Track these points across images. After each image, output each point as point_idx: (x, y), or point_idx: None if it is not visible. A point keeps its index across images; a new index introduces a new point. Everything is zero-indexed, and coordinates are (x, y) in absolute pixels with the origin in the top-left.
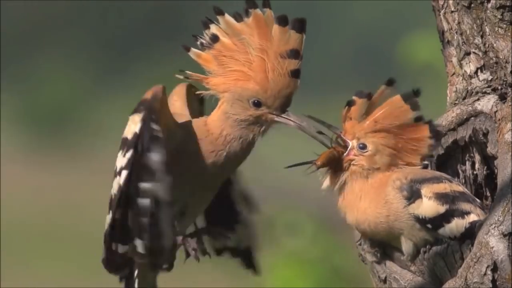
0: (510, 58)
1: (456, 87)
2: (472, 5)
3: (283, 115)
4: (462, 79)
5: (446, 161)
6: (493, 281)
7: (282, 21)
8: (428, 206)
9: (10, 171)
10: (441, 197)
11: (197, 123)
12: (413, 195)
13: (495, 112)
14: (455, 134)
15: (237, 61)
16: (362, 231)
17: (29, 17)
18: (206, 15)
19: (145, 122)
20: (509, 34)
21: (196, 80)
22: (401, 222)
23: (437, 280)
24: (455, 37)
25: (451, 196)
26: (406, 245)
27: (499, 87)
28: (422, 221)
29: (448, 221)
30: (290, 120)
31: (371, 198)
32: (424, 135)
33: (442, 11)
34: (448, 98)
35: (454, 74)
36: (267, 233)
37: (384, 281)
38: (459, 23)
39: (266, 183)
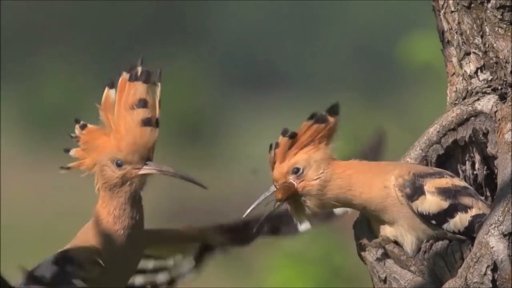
0: (510, 58)
1: (456, 87)
2: (472, 5)
3: (145, 167)
4: (462, 79)
5: (446, 161)
6: (493, 281)
7: (131, 76)
8: (431, 202)
9: (10, 173)
10: (444, 192)
11: (91, 225)
12: (416, 192)
13: (495, 112)
14: (455, 134)
15: (101, 135)
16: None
17: (29, 17)
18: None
19: None
20: (509, 34)
21: (75, 168)
22: (401, 217)
23: (437, 280)
24: (455, 37)
25: (453, 190)
26: (407, 240)
27: (499, 87)
28: (426, 217)
29: (452, 216)
30: (152, 169)
31: (369, 194)
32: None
33: (442, 11)
34: (448, 98)
35: (454, 74)
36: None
37: (384, 281)
38: (459, 23)
39: (266, 183)
